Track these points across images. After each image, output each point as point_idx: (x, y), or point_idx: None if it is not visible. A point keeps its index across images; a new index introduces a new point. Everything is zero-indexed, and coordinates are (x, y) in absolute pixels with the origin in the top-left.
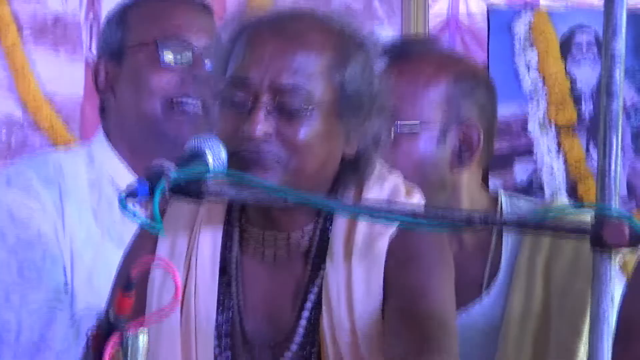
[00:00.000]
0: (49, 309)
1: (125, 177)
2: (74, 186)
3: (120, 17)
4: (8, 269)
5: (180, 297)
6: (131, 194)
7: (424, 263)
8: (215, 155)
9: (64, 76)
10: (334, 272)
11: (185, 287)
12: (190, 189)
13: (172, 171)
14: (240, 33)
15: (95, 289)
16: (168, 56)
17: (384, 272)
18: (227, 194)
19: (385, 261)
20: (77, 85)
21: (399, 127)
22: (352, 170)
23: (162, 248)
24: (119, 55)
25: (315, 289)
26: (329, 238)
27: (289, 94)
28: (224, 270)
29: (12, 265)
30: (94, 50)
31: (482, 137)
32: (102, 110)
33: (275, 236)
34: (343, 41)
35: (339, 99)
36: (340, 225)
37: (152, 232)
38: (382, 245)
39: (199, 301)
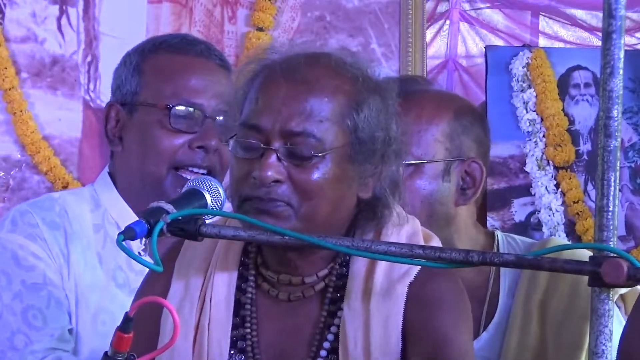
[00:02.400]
0: (54, 354)
1: (130, 221)
2: (79, 230)
3: (137, 65)
4: (13, 314)
5: (177, 337)
6: (129, 234)
7: (445, 309)
8: (214, 195)
9: (62, 117)
10: (351, 316)
11: (198, 326)
12: (188, 229)
13: (170, 213)
14: (254, 78)
15: (100, 333)
16: (179, 123)
17: (404, 318)
18: (225, 234)
19: (405, 306)
20: (75, 127)
21: (405, 165)
22: (368, 214)
23: (177, 286)
24: (132, 105)
25: (331, 335)
26: (344, 283)
27: (300, 139)
28: (237, 311)
29: (17, 310)
30: (92, 92)
31: (484, 172)
32: (112, 152)
33: (289, 280)
34: (356, 86)
35: (352, 144)
36: (358, 269)
37: (154, 271)
38: (402, 290)
39: (212, 341)
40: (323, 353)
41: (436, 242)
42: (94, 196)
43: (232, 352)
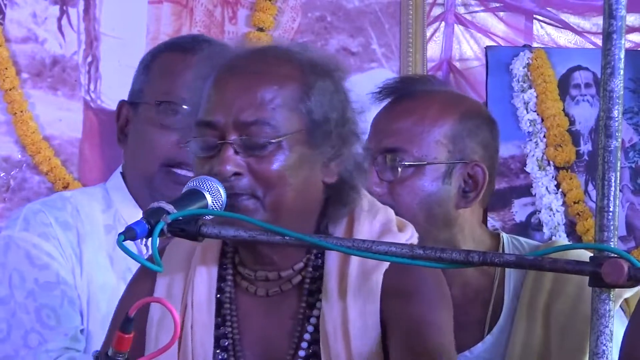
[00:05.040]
0: (67, 353)
1: None
2: (91, 231)
3: (147, 64)
4: (27, 312)
5: (179, 335)
6: (130, 234)
7: (422, 297)
8: (214, 195)
9: (62, 118)
10: (329, 308)
11: (182, 327)
12: (188, 230)
13: (171, 213)
14: (207, 77)
15: None
16: (167, 120)
17: (381, 307)
18: (226, 234)
19: (381, 295)
20: (75, 127)
21: (405, 165)
22: (337, 198)
23: (160, 288)
24: (136, 103)
25: (311, 327)
26: (321, 274)
27: (254, 129)
28: (219, 311)
29: (31, 309)
30: (93, 93)
31: (487, 176)
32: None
33: (266, 276)
34: (305, 71)
35: (307, 128)
36: (333, 260)
37: (154, 271)
38: (377, 279)
39: (196, 342)
40: (304, 345)
41: (411, 231)
42: (106, 196)
43: (217, 351)
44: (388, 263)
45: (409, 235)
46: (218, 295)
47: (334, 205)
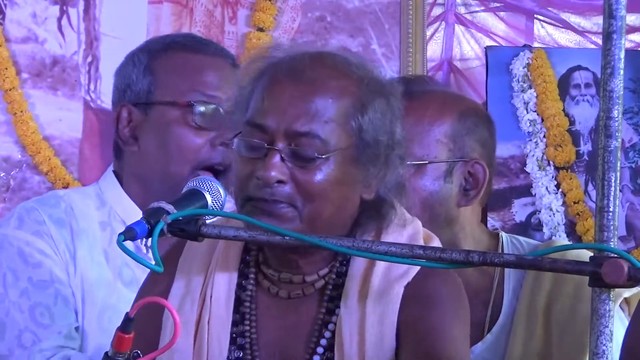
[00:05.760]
0: (62, 352)
1: (136, 217)
2: (85, 227)
3: (147, 64)
4: (21, 311)
5: (177, 337)
6: (130, 234)
7: (440, 306)
8: (214, 195)
9: (62, 118)
10: (348, 315)
11: (198, 322)
12: (188, 230)
13: (171, 213)
14: (259, 77)
15: (106, 331)
16: (202, 120)
17: (399, 317)
18: (226, 234)
19: (400, 306)
20: (75, 127)
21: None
22: (372, 215)
23: (178, 285)
24: (147, 104)
25: (329, 333)
26: (344, 281)
27: (304, 140)
28: (237, 308)
29: (25, 308)
30: (93, 93)
31: (487, 174)
32: (118, 152)
33: (290, 279)
34: (361, 88)
35: (356, 145)
36: (357, 268)
37: (154, 271)
38: (398, 289)
39: (212, 338)
40: (320, 350)
41: (437, 244)
42: (99, 194)
43: (232, 348)
44: (413, 275)
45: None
46: (238, 293)
47: (368, 218)
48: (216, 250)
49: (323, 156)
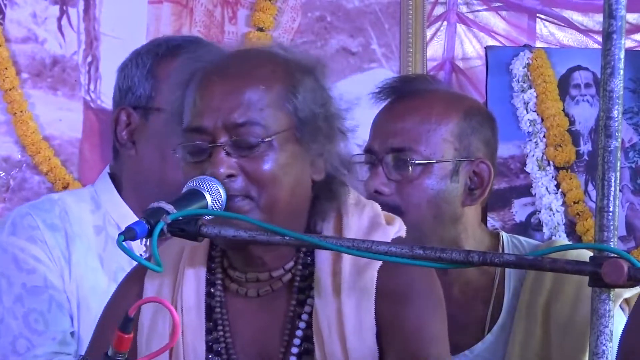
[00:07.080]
0: (55, 357)
1: (131, 222)
2: (80, 232)
3: (151, 68)
4: (15, 318)
5: (177, 337)
6: (130, 234)
7: (416, 302)
8: (214, 195)
9: (62, 118)
10: (323, 305)
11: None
12: (188, 230)
13: (171, 213)
14: (187, 82)
15: None
16: None
17: (376, 305)
18: (226, 234)
19: (375, 294)
20: (75, 127)
21: (415, 164)
22: (325, 194)
23: (150, 290)
24: (146, 109)
25: (303, 323)
26: (311, 271)
27: (244, 129)
28: (209, 316)
29: (19, 314)
30: (93, 93)
31: (492, 173)
32: (116, 153)
33: (257, 277)
34: (289, 71)
35: (295, 126)
36: (323, 258)
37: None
38: (372, 275)
39: (188, 346)
40: (297, 342)
41: (399, 224)
42: (94, 197)
43: (209, 356)
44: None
45: (397, 228)
46: (208, 300)
47: (323, 201)
48: (183, 256)
49: (266, 140)
